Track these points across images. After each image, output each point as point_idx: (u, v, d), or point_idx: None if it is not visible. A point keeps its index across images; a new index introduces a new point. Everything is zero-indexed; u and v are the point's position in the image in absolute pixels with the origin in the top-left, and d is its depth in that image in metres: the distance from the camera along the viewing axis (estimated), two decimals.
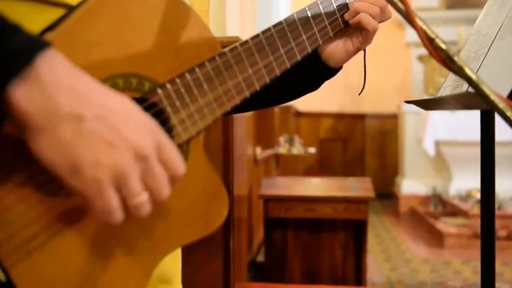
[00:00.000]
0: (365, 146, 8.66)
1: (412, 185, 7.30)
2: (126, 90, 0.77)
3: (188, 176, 0.83)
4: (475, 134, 1.78)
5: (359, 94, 1.27)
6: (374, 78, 7.81)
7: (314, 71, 1.15)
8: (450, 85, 1.47)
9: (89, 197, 0.64)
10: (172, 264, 1.01)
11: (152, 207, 0.69)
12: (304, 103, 7.25)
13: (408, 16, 0.83)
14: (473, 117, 2.76)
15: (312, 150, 6.43)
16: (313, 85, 1.21)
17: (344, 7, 1.06)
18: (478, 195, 5.84)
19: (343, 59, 1.13)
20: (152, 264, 0.81)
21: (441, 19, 7.54)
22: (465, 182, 6.45)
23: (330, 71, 1.16)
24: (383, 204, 7.68)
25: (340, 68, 1.17)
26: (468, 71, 0.81)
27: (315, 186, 3.81)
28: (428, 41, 0.83)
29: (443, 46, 0.83)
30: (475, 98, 1.12)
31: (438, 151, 6.70)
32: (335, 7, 1.04)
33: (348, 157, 8.66)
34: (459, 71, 0.82)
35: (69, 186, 0.64)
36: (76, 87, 0.63)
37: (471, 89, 0.89)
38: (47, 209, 0.71)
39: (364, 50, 1.15)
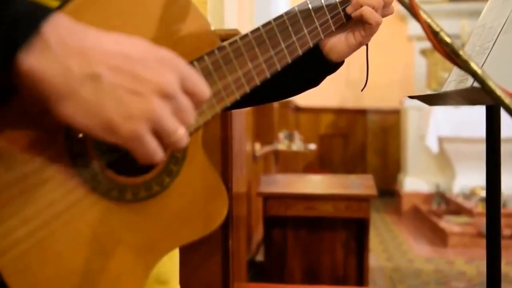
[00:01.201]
0: (366, 142, 8.66)
1: (414, 182, 7.30)
2: None
3: (187, 174, 0.83)
4: (479, 130, 1.78)
5: (362, 90, 1.27)
6: (375, 72, 7.78)
7: (315, 66, 1.15)
8: (454, 79, 1.47)
9: (130, 147, 0.66)
10: (169, 265, 1.01)
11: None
12: (304, 98, 7.22)
13: (412, 9, 0.83)
14: (477, 112, 2.76)
15: (312, 146, 6.43)
16: (314, 81, 1.21)
17: (346, 0, 1.06)
18: (482, 193, 5.85)
19: (345, 53, 1.13)
20: (150, 264, 0.81)
21: (443, 12, 7.54)
22: (469, 179, 6.45)
23: (331, 66, 1.15)
24: (385, 202, 7.69)
25: (341, 63, 1.17)
26: (473, 65, 0.82)
27: (315, 183, 3.81)
28: (433, 35, 0.83)
29: (448, 40, 0.83)
30: (480, 93, 1.12)
31: (441, 147, 6.71)
32: (337, 0, 1.04)
33: (349, 153, 8.67)
34: (464, 66, 0.83)
35: (108, 142, 0.66)
36: (84, 45, 0.63)
37: (476, 84, 0.89)
38: (43, 207, 0.71)
39: (367, 45, 1.14)
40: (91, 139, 0.75)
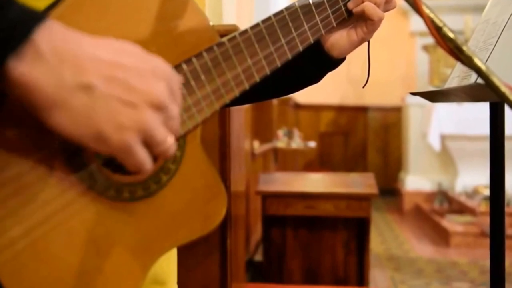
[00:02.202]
0: (367, 140, 8.67)
1: (416, 181, 7.31)
2: None
3: (185, 172, 0.83)
4: (483, 128, 1.79)
5: (363, 87, 1.26)
6: (377, 69, 7.79)
7: (316, 62, 1.15)
8: (457, 76, 1.47)
9: (119, 157, 0.68)
10: (166, 265, 1.01)
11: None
12: (304, 95, 7.25)
13: (414, 4, 0.83)
14: (481, 109, 2.76)
15: (312, 144, 6.43)
16: (315, 77, 1.20)
17: None
18: (485, 192, 5.85)
19: (347, 49, 1.12)
20: (147, 264, 0.81)
21: (446, 7, 7.53)
22: (472, 178, 6.46)
23: (333, 62, 1.15)
24: (386, 201, 7.70)
25: (343, 60, 1.16)
26: (477, 61, 0.82)
27: (315, 182, 3.80)
28: (436, 30, 0.83)
29: (452, 35, 0.83)
30: (484, 89, 1.13)
31: (444, 145, 6.71)
32: None
33: (350, 151, 8.67)
34: (467, 62, 0.83)
35: (99, 152, 0.67)
36: (78, 54, 0.64)
37: (480, 80, 0.89)
38: (38, 206, 0.71)
39: (368, 41, 1.14)
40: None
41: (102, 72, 0.64)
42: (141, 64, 0.68)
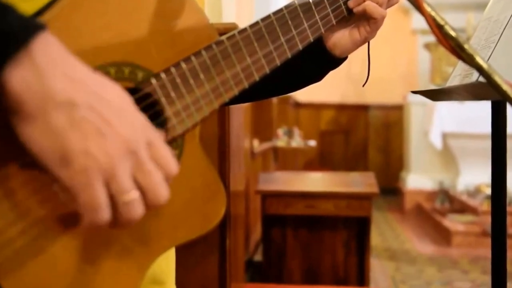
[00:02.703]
0: (368, 139, 8.67)
1: (417, 180, 7.32)
2: (119, 80, 0.77)
3: (184, 171, 0.83)
4: (485, 126, 1.78)
5: (363, 86, 1.26)
6: (378, 67, 7.81)
7: (318, 61, 1.14)
8: (459, 74, 1.47)
9: (76, 190, 0.64)
10: (164, 265, 1.01)
11: (146, 209, 0.69)
12: (304, 93, 7.23)
13: (416, 2, 0.83)
14: (483, 108, 2.76)
15: (312, 143, 6.43)
16: (317, 76, 1.20)
17: None
18: (487, 191, 5.85)
19: (349, 49, 1.12)
20: (145, 264, 0.81)
21: (448, 5, 7.53)
22: (474, 176, 6.46)
23: (335, 61, 1.15)
24: (387, 200, 7.70)
25: (345, 58, 1.16)
26: (479, 59, 0.82)
27: (316, 181, 3.81)
28: (437, 28, 0.83)
29: (453, 34, 0.83)
30: (485, 88, 1.13)
31: (446, 144, 6.72)
32: None
33: (351, 150, 8.68)
34: (469, 60, 0.83)
35: (56, 177, 0.64)
36: (71, 73, 0.64)
37: (482, 79, 0.89)
38: (34, 207, 0.71)
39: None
40: None
41: (89, 99, 0.64)
42: (127, 109, 0.67)
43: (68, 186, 0.64)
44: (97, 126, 0.64)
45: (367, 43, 1.15)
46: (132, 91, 0.77)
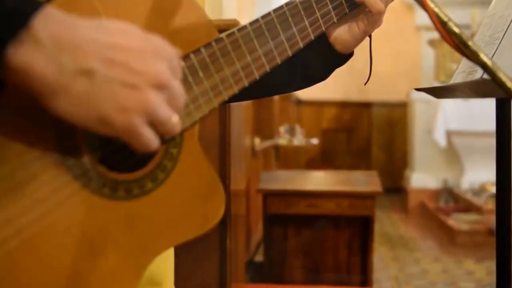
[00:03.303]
0: (371, 137, 8.67)
1: (421, 178, 7.31)
2: None
3: (182, 170, 0.83)
4: (489, 124, 1.78)
5: (365, 84, 1.26)
6: (381, 64, 7.82)
7: (322, 57, 1.14)
8: (463, 71, 1.47)
9: (126, 139, 0.69)
10: (163, 265, 1.01)
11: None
12: (306, 90, 7.19)
13: None
14: (487, 105, 2.76)
15: (314, 141, 6.44)
16: (321, 73, 1.20)
17: None
18: (492, 189, 5.85)
19: (350, 43, 1.11)
20: (143, 265, 0.81)
21: (452, 1, 7.52)
22: (479, 175, 6.46)
23: (339, 58, 1.14)
24: (391, 199, 7.70)
25: (350, 55, 1.16)
26: (483, 56, 0.82)
27: (318, 180, 3.81)
28: (441, 25, 0.83)
29: (457, 30, 0.83)
30: (490, 85, 1.12)
31: (450, 142, 6.71)
32: None
33: (353, 148, 8.67)
34: (473, 57, 0.83)
35: (104, 135, 0.68)
36: (76, 39, 0.64)
37: (486, 76, 0.89)
38: (32, 204, 0.71)
39: (370, 36, 1.13)
40: (82, 134, 0.75)
41: (102, 55, 0.65)
42: (140, 44, 0.69)
43: (117, 137, 0.69)
44: (121, 80, 0.66)
45: (369, 41, 1.15)
46: None
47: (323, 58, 1.14)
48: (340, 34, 1.11)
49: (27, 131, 0.71)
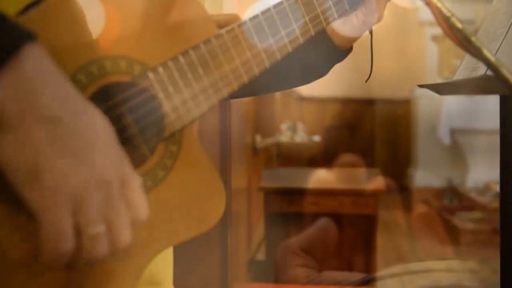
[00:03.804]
0: (374, 134, 8.66)
1: (425, 176, 7.31)
2: (115, 73, 0.77)
3: (182, 168, 0.83)
4: (494, 122, 1.78)
5: (366, 82, 1.26)
6: (384, 60, 7.80)
7: (320, 53, 1.14)
8: (466, 67, 1.47)
9: (40, 210, 0.61)
10: (162, 265, 1.01)
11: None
12: (308, 87, 7.20)
13: None
14: (492, 102, 2.76)
15: (316, 138, 6.44)
16: (319, 70, 1.20)
17: None
18: (497, 188, 5.84)
19: (349, 36, 1.11)
20: (141, 265, 0.81)
21: None
22: (483, 173, 6.45)
23: (337, 53, 1.14)
24: (394, 198, 7.69)
25: (349, 50, 1.15)
26: (486, 52, 0.82)
27: (320, 178, 3.81)
28: (443, 20, 0.83)
29: (460, 26, 0.83)
30: (493, 81, 1.12)
31: (454, 139, 6.71)
32: None
33: (356, 146, 8.66)
34: (476, 53, 0.83)
35: (22, 194, 0.62)
36: (61, 90, 0.64)
37: (489, 72, 0.89)
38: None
39: (371, 32, 1.13)
40: None
41: (74, 120, 0.64)
42: (109, 141, 0.67)
43: (33, 205, 0.62)
44: (76, 149, 0.63)
45: (370, 37, 1.15)
46: (128, 86, 0.77)
47: (322, 53, 1.14)
48: (339, 26, 1.10)
49: None
